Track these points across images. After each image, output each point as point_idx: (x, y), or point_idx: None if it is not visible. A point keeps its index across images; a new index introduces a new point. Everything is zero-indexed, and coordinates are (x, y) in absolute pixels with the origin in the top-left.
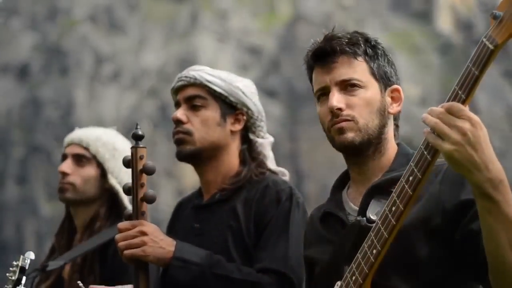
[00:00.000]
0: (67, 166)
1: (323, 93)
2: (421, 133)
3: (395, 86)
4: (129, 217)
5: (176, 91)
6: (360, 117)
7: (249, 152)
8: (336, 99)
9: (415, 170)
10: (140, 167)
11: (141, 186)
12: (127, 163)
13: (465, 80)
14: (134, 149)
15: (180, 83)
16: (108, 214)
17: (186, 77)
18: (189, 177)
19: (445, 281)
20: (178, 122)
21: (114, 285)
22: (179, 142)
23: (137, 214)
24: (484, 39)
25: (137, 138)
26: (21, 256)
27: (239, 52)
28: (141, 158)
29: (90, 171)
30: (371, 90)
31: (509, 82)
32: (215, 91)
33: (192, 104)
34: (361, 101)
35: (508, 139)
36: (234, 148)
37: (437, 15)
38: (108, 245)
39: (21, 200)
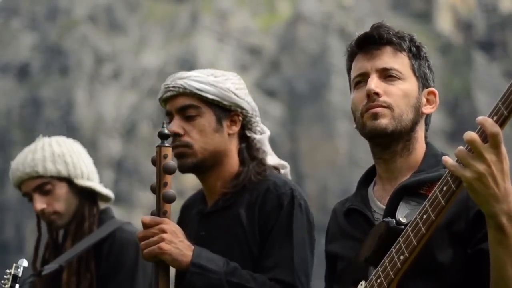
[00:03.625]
0: (39, 203)
1: (361, 80)
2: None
3: (432, 89)
4: None
5: (165, 100)
6: (397, 106)
7: (248, 151)
8: (375, 83)
9: (450, 181)
10: (162, 166)
11: (164, 186)
12: (153, 162)
13: (509, 96)
14: (159, 148)
15: (168, 93)
16: (92, 211)
17: (174, 86)
18: (189, 177)
19: (467, 285)
20: (174, 135)
21: (109, 281)
22: (179, 156)
23: (159, 213)
24: None
25: (162, 137)
26: (14, 264)
27: (239, 52)
28: (165, 157)
29: (59, 190)
30: (410, 83)
31: (509, 82)
32: (207, 98)
33: (186, 114)
34: (399, 92)
35: (508, 139)
36: (233, 150)
37: (437, 15)
38: (102, 242)
39: (21, 200)
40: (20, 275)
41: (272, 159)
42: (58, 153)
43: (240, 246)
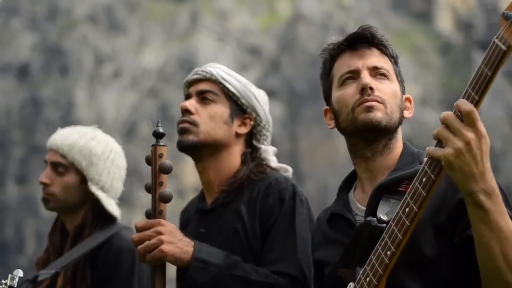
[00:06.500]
0: (46, 176)
1: (350, 77)
2: (421, 133)
3: (408, 95)
4: (149, 216)
5: (189, 84)
6: (388, 103)
7: (251, 154)
8: (370, 78)
9: (428, 171)
10: (159, 165)
11: (159, 185)
12: (147, 161)
13: (478, 81)
14: (154, 147)
15: (195, 76)
16: (95, 221)
17: (202, 71)
18: (189, 177)
19: (455, 279)
20: (185, 111)
21: (106, 287)
22: (182, 131)
23: (155, 213)
24: (496, 40)
25: (157, 136)
26: (10, 275)
27: (239, 52)
28: (160, 156)
29: (69, 179)
30: (396, 85)
31: (509, 82)
32: (228, 89)
33: (203, 98)
34: (389, 90)
35: (508, 139)
36: (236, 150)
37: (437, 15)
38: (99, 248)
39: (21, 200)
40: (15, 286)
41: (274, 164)
42: (94, 152)
43: (240, 242)
